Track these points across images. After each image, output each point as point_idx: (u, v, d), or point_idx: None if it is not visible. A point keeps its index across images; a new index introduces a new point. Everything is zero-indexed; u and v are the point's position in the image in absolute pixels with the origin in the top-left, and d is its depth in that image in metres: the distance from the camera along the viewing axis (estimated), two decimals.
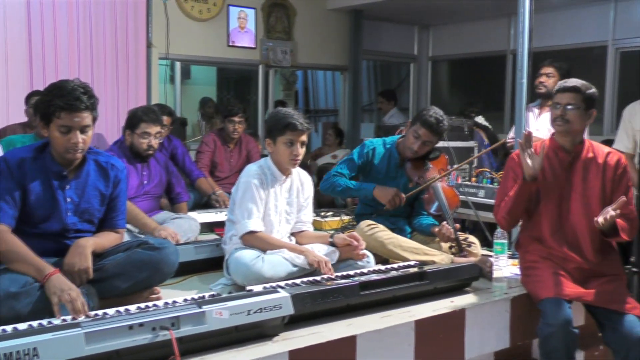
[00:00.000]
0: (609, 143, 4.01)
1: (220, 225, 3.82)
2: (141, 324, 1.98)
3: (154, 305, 2.31)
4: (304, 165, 5.42)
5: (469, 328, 2.71)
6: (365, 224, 3.40)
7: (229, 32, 6.60)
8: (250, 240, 2.95)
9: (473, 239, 3.44)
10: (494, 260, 3.24)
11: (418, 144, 3.50)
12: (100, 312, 2.22)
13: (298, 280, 2.78)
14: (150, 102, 5.70)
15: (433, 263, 3.16)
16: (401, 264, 3.10)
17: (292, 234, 3.22)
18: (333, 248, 3.07)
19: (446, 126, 3.53)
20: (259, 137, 6.62)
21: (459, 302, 2.77)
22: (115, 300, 2.51)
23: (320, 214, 4.62)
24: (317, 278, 2.79)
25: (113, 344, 1.91)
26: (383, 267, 3.06)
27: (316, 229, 4.09)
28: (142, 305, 2.31)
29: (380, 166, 3.65)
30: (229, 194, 3.80)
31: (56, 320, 2.11)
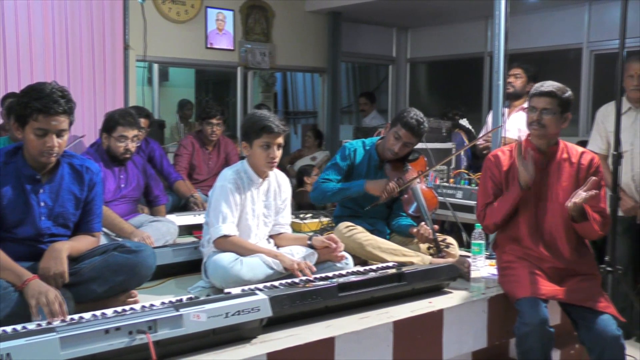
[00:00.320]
0: (584, 144, 4.06)
1: (199, 228, 3.80)
2: (118, 328, 1.97)
3: (131, 308, 2.29)
4: (282, 169, 5.41)
5: (447, 328, 2.72)
6: (343, 226, 3.40)
7: (207, 34, 6.57)
8: (223, 244, 2.93)
9: (451, 239, 3.46)
10: (471, 261, 3.26)
11: (399, 146, 3.52)
12: (76, 317, 2.20)
13: (276, 283, 2.77)
14: (127, 104, 5.66)
15: (411, 264, 3.17)
16: (380, 266, 3.11)
17: (271, 237, 3.21)
18: (312, 250, 3.08)
19: (426, 128, 3.56)
20: (237, 140, 6.60)
21: (437, 303, 2.78)
22: (91, 304, 2.48)
23: (299, 215, 4.62)
24: (296, 280, 2.78)
25: (89, 349, 1.89)
26: (362, 269, 3.06)
27: (295, 231, 4.09)
28: (119, 309, 2.28)
29: (361, 168, 3.66)
30: (207, 196, 3.79)
31: (31, 325, 2.08)
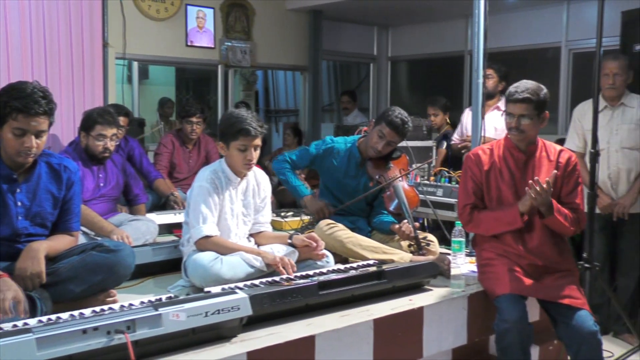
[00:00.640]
0: (563, 142, 4.11)
1: (179, 226, 3.78)
2: (96, 328, 1.95)
3: (110, 308, 2.28)
4: (263, 167, 5.42)
5: (427, 326, 2.74)
6: (324, 223, 3.40)
7: (187, 32, 6.53)
8: (205, 244, 2.92)
9: (432, 237, 3.48)
10: (451, 258, 3.28)
11: (382, 144, 3.52)
12: (53, 317, 2.17)
13: (257, 281, 2.77)
14: (107, 103, 5.60)
15: (392, 262, 3.18)
16: (360, 263, 3.12)
17: (251, 235, 3.21)
18: (292, 249, 3.07)
19: (410, 127, 3.58)
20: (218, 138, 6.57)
21: (417, 300, 2.79)
22: (69, 304, 2.46)
23: (281, 214, 4.61)
24: (276, 278, 2.78)
25: (66, 349, 1.88)
26: (342, 267, 3.07)
27: (276, 229, 4.09)
28: (97, 308, 2.27)
29: (340, 165, 3.67)
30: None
31: (6, 326, 2.05)
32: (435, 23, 7.82)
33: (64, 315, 2.18)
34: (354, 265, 3.09)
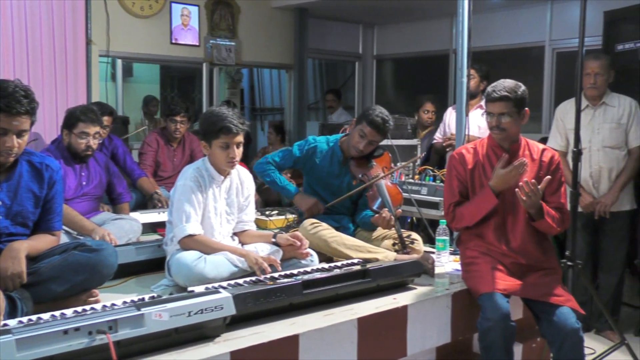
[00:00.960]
0: (547, 141, 4.13)
1: (163, 225, 3.75)
2: (77, 329, 1.93)
3: (92, 308, 2.26)
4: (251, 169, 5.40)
5: (411, 324, 2.74)
6: (308, 223, 3.40)
7: (172, 30, 6.49)
8: (189, 243, 2.90)
9: (416, 236, 3.48)
10: (436, 257, 3.30)
11: (364, 143, 3.53)
12: (34, 317, 2.15)
13: (241, 280, 2.76)
14: (90, 100, 5.56)
15: (376, 260, 3.19)
16: (345, 262, 3.12)
17: (235, 234, 3.20)
18: (276, 247, 3.07)
19: (391, 126, 3.58)
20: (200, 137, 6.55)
21: (401, 299, 2.80)
22: (51, 305, 2.44)
23: (265, 212, 4.60)
24: (260, 277, 2.78)
25: (47, 350, 1.86)
26: (326, 266, 3.07)
27: (261, 228, 4.09)
28: (79, 309, 2.25)
29: (323, 164, 3.66)
30: None
31: None
32: (421, 22, 7.84)
33: (45, 315, 2.16)
34: (338, 264, 3.09)
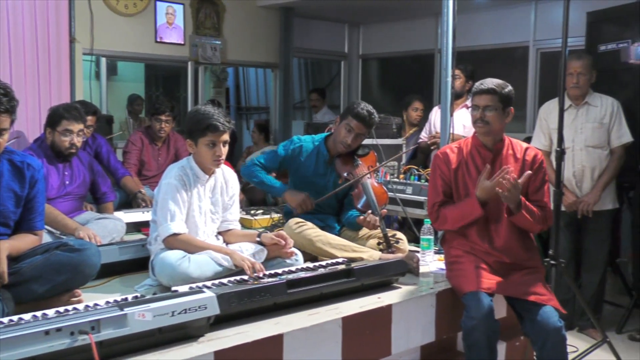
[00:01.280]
0: (531, 140, 4.16)
1: (147, 225, 3.73)
2: (59, 329, 1.92)
3: (74, 308, 2.24)
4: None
5: (396, 323, 2.75)
6: (293, 222, 3.39)
7: (157, 28, 6.45)
8: (173, 242, 2.89)
9: (400, 235, 3.49)
10: (420, 256, 3.30)
11: (351, 137, 3.53)
12: (15, 318, 2.13)
13: (225, 280, 2.75)
14: (74, 99, 5.50)
15: (361, 260, 3.19)
16: (329, 262, 3.12)
17: (220, 233, 3.18)
18: (261, 247, 3.06)
19: (377, 118, 3.60)
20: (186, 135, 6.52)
21: (386, 298, 2.80)
22: (33, 305, 2.42)
23: (250, 212, 4.59)
24: (245, 277, 2.77)
25: (28, 351, 1.84)
26: (311, 265, 3.07)
27: (246, 227, 4.08)
28: (61, 309, 2.23)
29: (309, 163, 3.66)
30: None
31: None
32: (406, 21, 7.85)
33: (26, 316, 2.14)
34: (323, 263, 3.09)
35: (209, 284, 2.67)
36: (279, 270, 2.89)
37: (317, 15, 7.93)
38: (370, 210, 3.44)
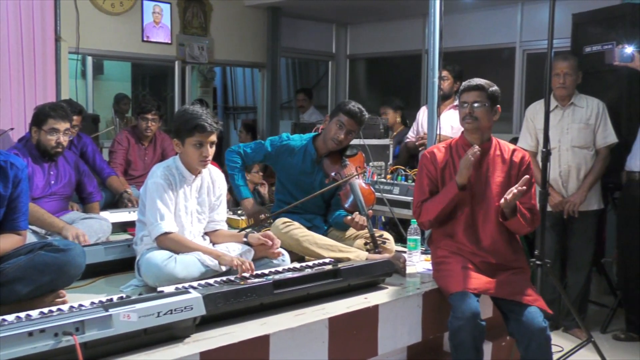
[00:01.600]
0: (517, 141, 4.18)
1: (133, 225, 3.72)
2: (42, 330, 1.90)
3: (58, 309, 2.22)
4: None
5: (383, 324, 2.75)
6: (280, 222, 3.39)
7: (144, 27, 6.42)
8: (164, 241, 2.87)
9: (387, 235, 3.50)
10: (407, 256, 3.31)
11: (343, 133, 3.54)
12: None
13: (211, 280, 2.74)
14: (59, 98, 5.47)
15: (348, 260, 3.19)
16: (316, 262, 3.11)
17: (206, 233, 3.17)
18: (248, 247, 3.05)
19: (367, 115, 3.62)
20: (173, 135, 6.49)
21: (372, 299, 2.80)
22: (16, 306, 2.39)
23: (237, 212, 4.57)
24: (231, 277, 2.76)
25: (10, 352, 1.82)
26: (298, 265, 3.06)
27: (233, 227, 4.06)
28: (45, 310, 2.21)
29: (296, 162, 3.65)
30: None
31: None
32: (394, 22, 7.87)
33: (10, 317, 2.11)
34: (310, 263, 3.08)
35: (195, 284, 2.65)
36: (266, 271, 2.88)
37: (305, 15, 7.92)
38: (358, 211, 3.44)
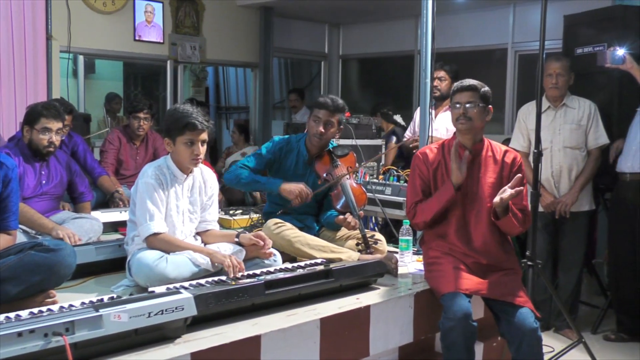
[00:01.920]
0: (510, 142, 4.19)
1: (124, 224, 3.70)
2: (32, 331, 1.89)
3: (48, 310, 2.21)
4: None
5: (374, 324, 2.74)
6: (272, 223, 3.38)
7: (135, 26, 6.40)
8: (154, 242, 2.86)
9: (379, 236, 3.49)
10: (399, 257, 3.31)
11: (321, 126, 3.52)
12: None
13: (203, 280, 2.73)
14: (51, 97, 5.45)
15: (340, 260, 3.19)
16: (308, 262, 3.11)
17: (198, 233, 3.16)
18: (239, 247, 3.04)
19: (342, 103, 3.58)
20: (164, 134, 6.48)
21: (364, 299, 2.80)
22: (6, 306, 2.37)
23: (229, 212, 4.57)
24: (223, 278, 2.75)
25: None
26: (290, 266, 3.06)
27: (225, 227, 4.06)
28: (35, 310, 2.20)
29: (289, 163, 3.65)
30: None
31: None
32: (386, 22, 7.88)
33: None
34: (302, 264, 3.08)
35: (186, 284, 2.64)
36: (258, 271, 2.88)
37: (297, 15, 7.92)
38: (349, 212, 3.44)
